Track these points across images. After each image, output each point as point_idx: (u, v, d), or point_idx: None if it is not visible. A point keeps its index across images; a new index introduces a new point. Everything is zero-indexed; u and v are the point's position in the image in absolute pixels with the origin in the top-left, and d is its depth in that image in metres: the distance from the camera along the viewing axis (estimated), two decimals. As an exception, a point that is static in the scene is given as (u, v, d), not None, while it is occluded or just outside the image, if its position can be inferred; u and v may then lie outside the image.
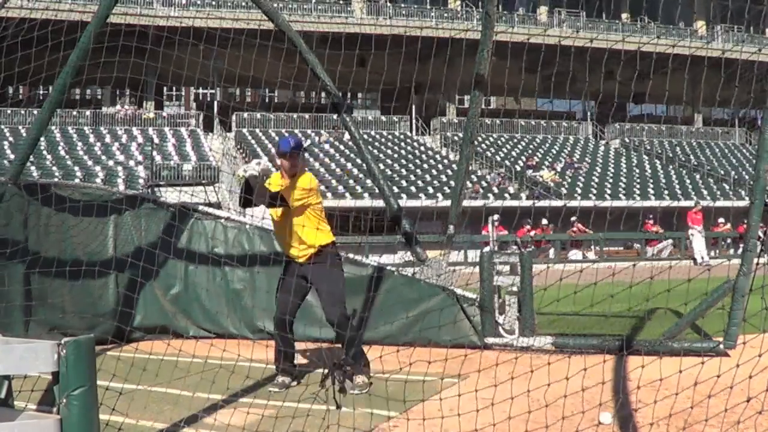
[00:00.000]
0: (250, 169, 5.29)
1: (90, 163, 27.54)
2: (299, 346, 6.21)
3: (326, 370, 5.43)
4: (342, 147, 32.23)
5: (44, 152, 26.60)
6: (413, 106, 36.23)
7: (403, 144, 34.92)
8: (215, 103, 34.90)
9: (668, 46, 27.65)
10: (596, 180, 32.41)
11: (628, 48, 24.02)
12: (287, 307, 5.56)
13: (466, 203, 7.96)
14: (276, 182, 5.62)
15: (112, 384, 4.25)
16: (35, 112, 24.12)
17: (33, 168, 23.71)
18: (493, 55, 7.61)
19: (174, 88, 36.99)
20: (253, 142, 32.50)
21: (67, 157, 27.78)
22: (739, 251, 10.02)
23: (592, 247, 24.99)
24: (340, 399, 4.95)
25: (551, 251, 24.28)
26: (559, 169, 32.64)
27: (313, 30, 25.59)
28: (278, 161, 5.64)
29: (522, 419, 4.18)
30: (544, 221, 25.11)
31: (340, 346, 5.71)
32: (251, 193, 5.44)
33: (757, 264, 6.11)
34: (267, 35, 7.54)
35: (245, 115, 34.40)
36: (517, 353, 5.89)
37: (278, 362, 5.73)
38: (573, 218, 24.85)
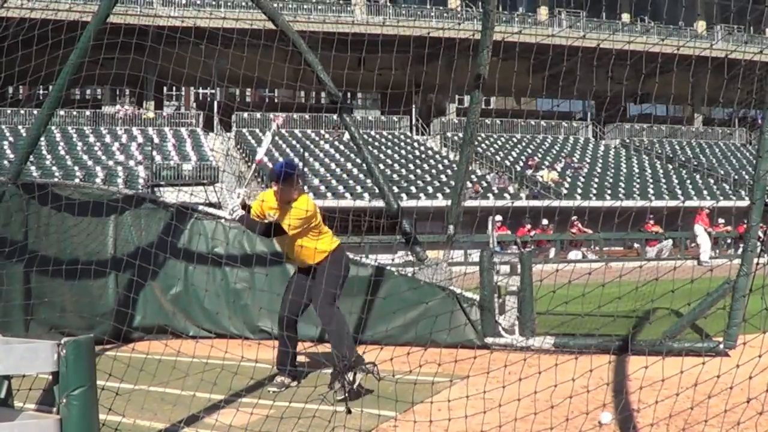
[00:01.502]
0: (237, 212, 5.43)
1: (90, 163, 27.55)
2: (306, 346, 6.21)
3: (335, 372, 5.41)
4: (342, 147, 32.23)
5: (44, 152, 26.61)
6: (414, 106, 36.24)
7: (403, 144, 34.92)
8: (215, 103, 34.89)
9: (671, 46, 27.62)
10: (596, 180, 32.42)
11: (628, 48, 24.05)
12: (292, 307, 5.56)
13: (471, 203, 7.96)
14: (270, 203, 5.61)
15: (112, 384, 4.25)
16: (35, 111, 24.11)
17: (33, 168, 23.71)
18: (494, 55, 7.61)
19: (174, 88, 36.97)
20: (253, 142, 32.50)
21: (67, 157, 27.79)
22: (739, 251, 10.01)
23: (592, 246, 25.01)
24: (348, 402, 4.93)
25: (551, 251, 24.31)
26: (559, 169, 32.65)
27: (316, 30, 25.57)
28: (273, 186, 5.61)
29: (523, 420, 4.18)
30: (545, 221, 25.13)
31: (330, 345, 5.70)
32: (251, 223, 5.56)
33: (757, 264, 6.11)
34: (268, 35, 7.54)
35: (245, 115, 34.39)
36: (517, 353, 5.89)
37: (279, 362, 5.72)
38: (574, 218, 24.88)
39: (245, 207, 5.56)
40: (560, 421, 4.23)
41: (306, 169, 25.62)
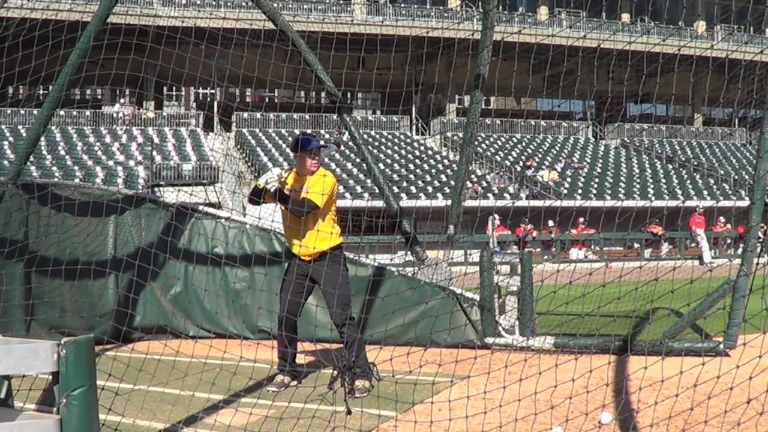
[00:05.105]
0: (272, 183, 5.31)
1: (90, 163, 27.53)
2: (305, 346, 6.21)
3: (335, 372, 5.41)
4: (342, 147, 32.22)
5: (44, 152, 26.60)
6: (413, 106, 36.24)
7: (403, 144, 34.92)
8: (215, 103, 34.88)
9: (672, 47, 27.60)
10: (596, 180, 32.41)
11: (629, 48, 24.06)
12: (290, 307, 5.54)
13: (473, 203, 7.97)
14: (291, 181, 5.59)
15: (112, 384, 4.24)
16: (35, 111, 24.12)
17: (33, 168, 23.70)
18: (494, 55, 7.61)
19: (174, 88, 36.96)
20: (253, 142, 32.50)
21: (67, 157, 27.78)
22: (739, 251, 10.02)
23: (592, 247, 25.07)
24: (349, 402, 4.92)
25: (552, 251, 24.35)
26: (559, 169, 32.65)
27: (315, 30, 25.55)
28: (295, 158, 5.57)
29: (524, 420, 4.19)
30: (551, 222, 25.17)
31: (343, 347, 5.68)
32: (259, 195, 5.43)
33: (757, 264, 6.11)
34: (268, 35, 7.54)
35: (245, 115, 34.39)
36: (517, 354, 5.89)
37: (280, 362, 5.72)
38: (581, 219, 24.95)
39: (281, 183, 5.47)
40: (560, 421, 4.23)
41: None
